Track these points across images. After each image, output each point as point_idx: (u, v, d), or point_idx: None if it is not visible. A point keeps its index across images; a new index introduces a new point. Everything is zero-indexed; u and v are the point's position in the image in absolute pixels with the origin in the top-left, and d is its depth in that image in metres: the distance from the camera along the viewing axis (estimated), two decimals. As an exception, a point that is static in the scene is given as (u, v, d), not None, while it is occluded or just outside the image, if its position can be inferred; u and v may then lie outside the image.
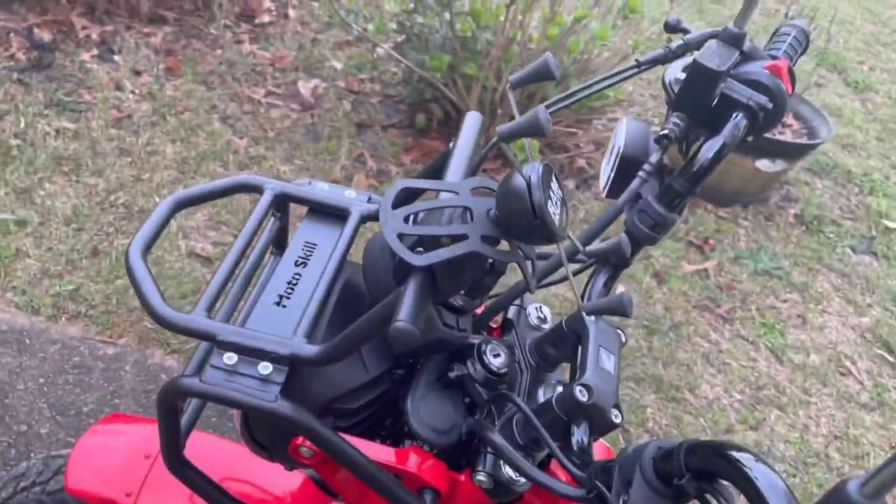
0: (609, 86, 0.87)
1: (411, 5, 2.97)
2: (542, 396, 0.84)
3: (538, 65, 0.70)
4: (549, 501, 0.86)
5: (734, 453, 0.55)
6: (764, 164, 3.06)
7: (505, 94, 2.89)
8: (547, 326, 0.91)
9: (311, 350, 0.69)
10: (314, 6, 3.96)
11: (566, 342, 0.82)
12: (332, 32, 3.73)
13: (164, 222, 0.78)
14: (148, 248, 0.76)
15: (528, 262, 0.64)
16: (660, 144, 0.81)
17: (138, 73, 3.13)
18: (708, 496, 0.59)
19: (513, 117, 0.65)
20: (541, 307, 0.92)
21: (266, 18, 3.69)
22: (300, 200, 0.86)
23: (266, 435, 0.81)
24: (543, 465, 0.82)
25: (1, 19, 3.14)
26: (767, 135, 3.10)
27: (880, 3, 5.73)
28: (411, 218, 0.64)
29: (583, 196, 3.11)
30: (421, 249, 0.60)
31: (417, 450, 0.78)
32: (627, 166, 0.87)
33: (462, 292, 0.73)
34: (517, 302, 0.91)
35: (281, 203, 0.88)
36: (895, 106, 4.33)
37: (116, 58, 3.17)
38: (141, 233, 0.76)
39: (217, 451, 1.13)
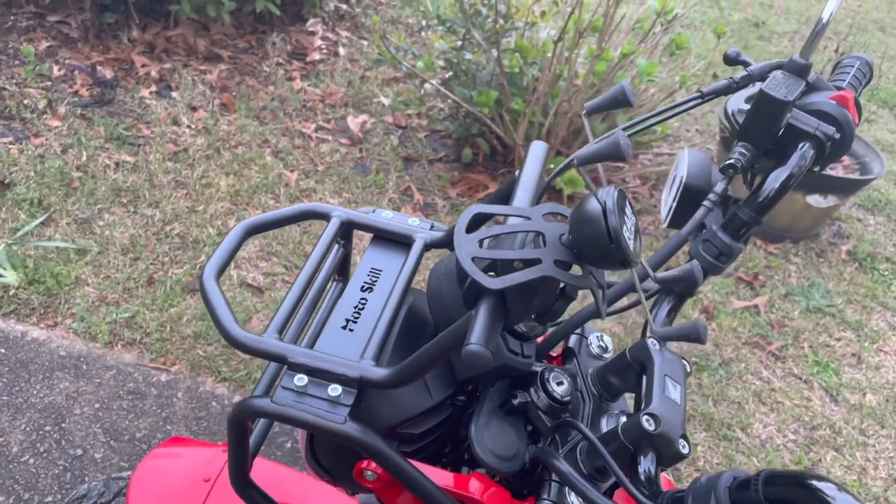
0: (675, 115, 0.88)
1: (459, 43, 3.03)
2: (605, 426, 0.83)
3: (615, 92, 0.71)
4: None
5: (816, 483, 0.54)
6: (815, 200, 3.02)
7: (551, 129, 2.91)
8: (608, 356, 0.91)
9: (379, 373, 0.70)
10: (363, 45, 4.06)
11: (630, 371, 0.82)
12: (381, 70, 3.81)
13: (236, 247, 0.81)
14: (221, 271, 0.78)
15: (599, 289, 0.65)
16: (725, 174, 0.82)
17: (194, 109, 3.23)
18: (786, 527, 0.58)
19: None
20: (602, 336, 0.92)
21: (317, 56, 3.79)
22: (366, 228, 0.88)
23: (330, 458, 0.82)
24: (607, 496, 0.81)
25: (66, 57, 3.28)
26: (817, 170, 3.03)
27: (931, 38, 5.64)
28: (484, 242, 0.65)
29: (629, 231, 3.09)
30: (493, 274, 0.61)
31: (481, 476, 0.78)
32: (690, 196, 0.87)
33: (532, 317, 0.74)
34: (578, 331, 0.91)
35: (346, 231, 0.90)
36: (950, 142, 4.24)
37: (174, 94, 3.28)
38: (214, 257, 0.78)
39: (278, 477, 1.14)
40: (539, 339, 0.88)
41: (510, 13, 2.82)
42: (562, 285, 0.66)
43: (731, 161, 0.80)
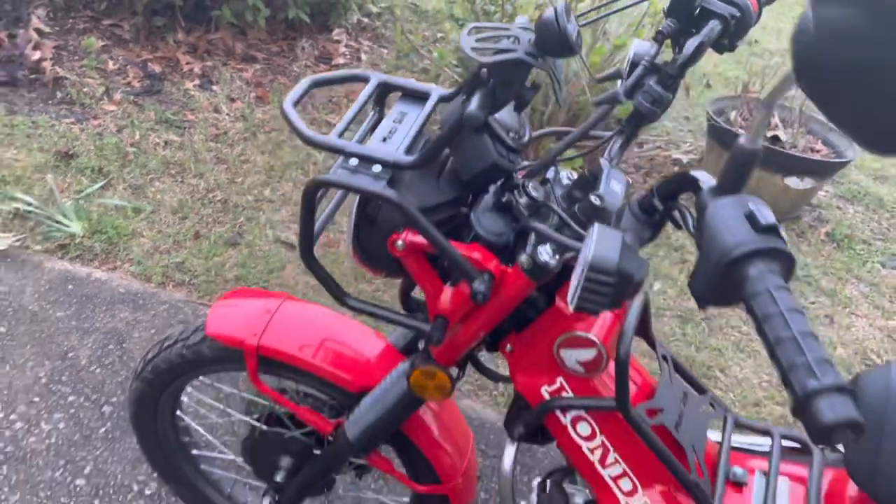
0: (626, 7, 1.20)
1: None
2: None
3: None
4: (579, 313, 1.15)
5: (693, 172, 0.85)
6: (793, 182, 3.32)
7: (552, 115, 3.25)
8: None
9: (408, 158, 1.02)
10: (383, 52, 4.44)
11: (588, 184, 1.13)
12: (399, 73, 4.18)
13: (306, 92, 1.13)
14: (296, 103, 1.10)
15: (556, 80, 0.96)
16: (656, 39, 1.14)
17: (233, 100, 3.60)
18: (673, 213, 0.88)
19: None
20: (573, 173, 1.23)
21: (341, 60, 4.17)
22: (396, 87, 1.20)
23: (370, 241, 1.13)
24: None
25: (121, 55, 3.67)
26: (796, 153, 3.30)
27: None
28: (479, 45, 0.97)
29: (624, 209, 3.41)
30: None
31: (478, 246, 1.09)
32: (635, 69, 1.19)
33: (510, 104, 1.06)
34: (553, 169, 1.22)
35: (381, 93, 1.22)
36: (929, 145, 4.54)
37: (214, 87, 3.66)
38: (291, 94, 1.11)
39: (315, 312, 1.46)
40: (520, 175, 1.20)
41: (516, 11, 3.18)
42: (530, 84, 0.98)
43: (660, 29, 1.13)
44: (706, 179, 0.83)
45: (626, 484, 1.21)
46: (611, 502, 1.22)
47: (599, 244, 0.82)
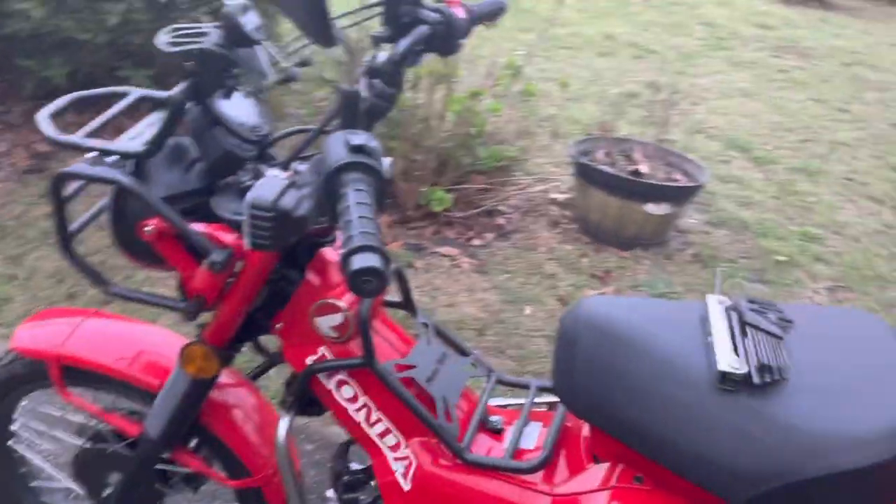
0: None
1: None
2: None
3: None
4: (326, 282, 1.29)
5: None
6: (651, 208, 3.56)
7: (423, 164, 3.45)
8: None
9: (141, 148, 1.16)
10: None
11: None
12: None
13: (66, 105, 1.27)
14: (52, 114, 1.23)
15: (256, 73, 1.13)
16: (373, 43, 1.32)
17: (119, 173, 3.73)
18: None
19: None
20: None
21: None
22: (153, 99, 1.35)
23: (124, 232, 1.25)
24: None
25: (10, 138, 3.80)
26: (654, 182, 3.52)
27: (789, 99, 6.43)
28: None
29: (500, 245, 3.59)
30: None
31: (221, 226, 1.22)
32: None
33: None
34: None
35: (153, 107, 1.37)
36: (792, 172, 4.88)
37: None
38: (51, 105, 1.25)
39: (125, 326, 1.56)
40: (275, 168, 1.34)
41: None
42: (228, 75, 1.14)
43: (374, 34, 1.31)
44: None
45: (390, 440, 1.32)
46: (380, 460, 1.33)
47: (259, 188, 0.97)
